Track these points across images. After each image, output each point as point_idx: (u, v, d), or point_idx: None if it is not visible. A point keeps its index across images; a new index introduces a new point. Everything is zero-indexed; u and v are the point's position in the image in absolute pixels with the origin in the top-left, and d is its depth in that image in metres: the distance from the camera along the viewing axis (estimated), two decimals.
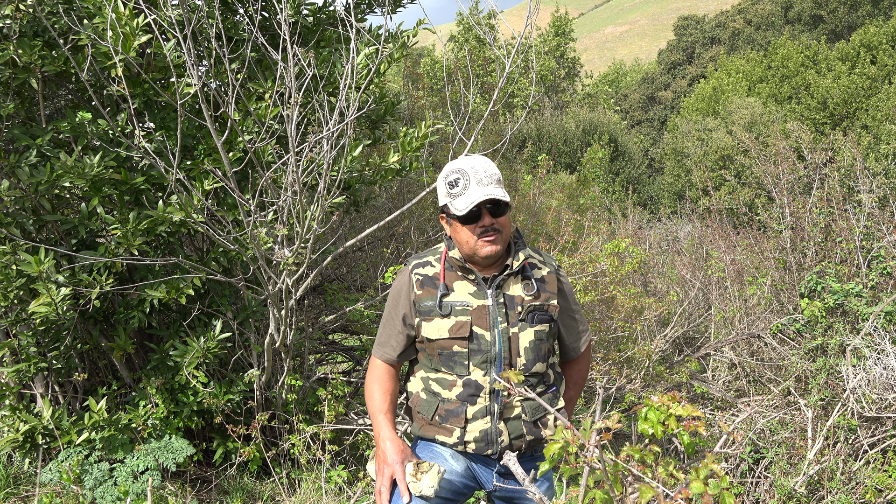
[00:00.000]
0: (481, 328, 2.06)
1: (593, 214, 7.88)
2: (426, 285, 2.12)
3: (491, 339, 2.06)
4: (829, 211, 5.27)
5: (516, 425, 2.10)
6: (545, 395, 2.16)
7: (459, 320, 2.06)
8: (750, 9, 44.69)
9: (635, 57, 75.73)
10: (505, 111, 13.74)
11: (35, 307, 3.06)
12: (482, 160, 2.07)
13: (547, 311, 2.13)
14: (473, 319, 2.06)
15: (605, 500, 1.48)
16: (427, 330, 2.09)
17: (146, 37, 3.08)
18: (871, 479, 3.55)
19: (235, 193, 2.98)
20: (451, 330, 2.06)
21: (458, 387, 2.09)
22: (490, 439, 2.08)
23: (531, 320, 2.10)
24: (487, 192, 1.99)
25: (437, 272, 2.13)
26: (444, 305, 2.08)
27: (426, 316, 2.10)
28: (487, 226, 2.02)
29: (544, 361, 2.14)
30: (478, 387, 2.07)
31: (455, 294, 2.09)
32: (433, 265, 2.15)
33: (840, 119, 24.44)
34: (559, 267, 2.24)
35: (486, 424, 2.07)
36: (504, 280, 2.11)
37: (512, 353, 2.08)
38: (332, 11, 4.02)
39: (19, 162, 3.10)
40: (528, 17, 3.20)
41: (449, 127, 4.57)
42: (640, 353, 5.16)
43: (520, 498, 2.17)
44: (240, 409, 3.77)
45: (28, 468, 3.50)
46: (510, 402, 2.09)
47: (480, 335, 2.06)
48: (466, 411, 2.08)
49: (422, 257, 2.21)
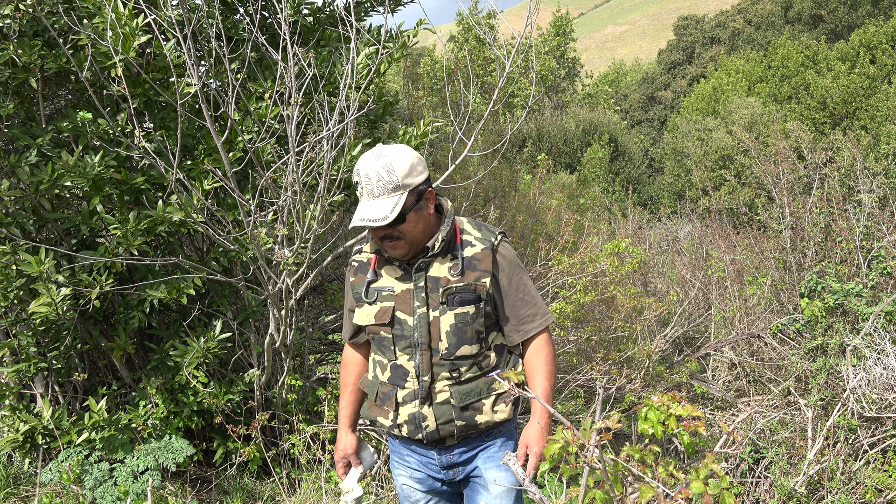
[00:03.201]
0: (404, 313, 2.04)
1: (593, 214, 7.89)
2: (359, 272, 2.13)
3: (413, 324, 2.03)
4: (829, 211, 5.27)
5: (444, 410, 2.05)
6: (479, 380, 2.08)
7: (384, 306, 2.06)
8: (750, 9, 44.69)
9: (635, 57, 75.72)
10: (505, 111, 13.75)
11: (35, 307, 3.06)
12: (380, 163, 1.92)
13: (474, 290, 2.03)
14: (396, 304, 2.05)
15: (605, 500, 1.48)
16: (357, 317, 2.12)
17: (146, 37, 3.08)
18: (871, 479, 3.55)
19: (235, 193, 2.98)
20: (375, 316, 2.07)
21: (388, 371, 2.10)
22: (417, 422, 2.06)
23: (451, 303, 2.03)
24: (368, 212, 1.90)
25: (369, 258, 2.13)
26: (371, 292, 2.08)
27: (358, 302, 2.11)
28: (383, 237, 1.97)
29: (473, 344, 2.06)
30: (404, 371, 2.06)
31: (383, 280, 2.08)
32: (367, 251, 2.15)
33: (840, 119, 24.44)
34: (501, 241, 2.10)
35: (414, 408, 2.07)
36: (428, 263, 2.03)
37: (433, 337, 2.04)
38: (332, 12, 4.02)
39: (19, 162, 3.09)
40: (528, 17, 3.20)
41: (449, 127, 4.57)
42: (640, 353, 5.16)
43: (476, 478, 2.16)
44: (240, 409, 3.77)
45: (28, 468, 3.50)
46: (435, 388, 2.06)
47: (403, 320, 2.04)
48: (397, 394, 2.08)
49: (362, 243, 2.24)
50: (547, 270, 5.06)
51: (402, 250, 1.99)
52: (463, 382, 2.06)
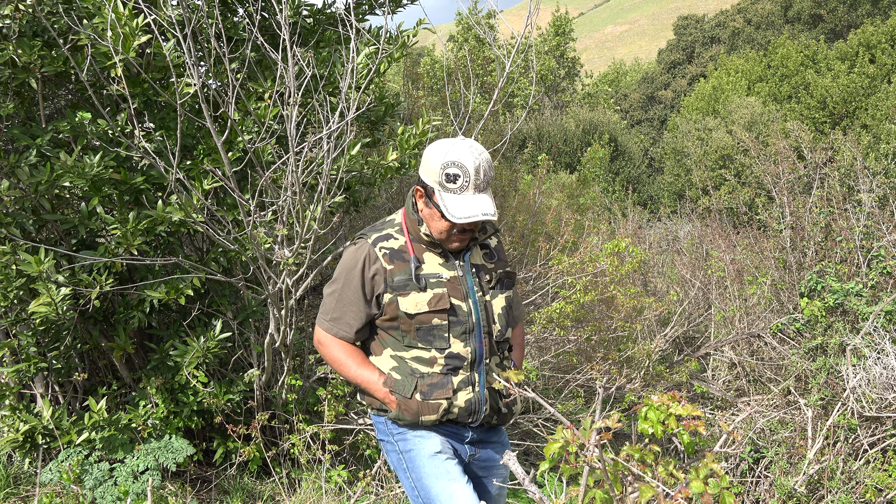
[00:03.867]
0: (458, 299, 2.05)
1: (593, 214, 7.88)
2: (396, 259, 2.06)
3: (467, 309, 2.05)
4: (829, 210, 5.27)
5: (496, 394, 2.14)
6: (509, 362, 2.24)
7: (437, 292, 2.02)
8: (750, 8, 44.68)
9: (635, 56, 75.72)
10: (505, 111, 13.74)
11: (35, 307, 3.06)
12: (484, 157, 1.99)
13: (512, 277, 2.18)
14: (449, 291, 2.04)
15: (605, 499, 1.48)
16: (405, 304, 2.03)
17: (146, 37, 3.08)
18: (871, 478, 3.55)
19: (235, 193, 2.98)
20: (430, 303, 2.02)
21: (439, 361, 2.06)
22: (473, 409, 2.08)
23: (501, 286, 2.13)
24: (484, 207, 1.94)
25: (403, 244, 2.08)
26: (420, 278, 2.03)
27: (401, 291, 2.03)
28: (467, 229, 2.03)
29: (513, 326, 2.21)
30: (461, 358, 2.05)
31: (427, 266, 2.06)
32: (395, 237, 2.09)
33: (840, 118, 24.44)
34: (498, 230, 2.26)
35: (470, 394, 2.07)
36: (470, 249, 2.12)
37: (489, 321, 2.09)
38: (332, 13, 4.02)
39: (19, 162, 3.09)
40: (528, 17, 3.20)
41: (449, 126, 4.57)
42: (640, 353, 5.16)
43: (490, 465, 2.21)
44: (240, 409, 3.77)
45: (28, 468, 3.50)
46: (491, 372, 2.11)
47: (458, 306, 2.05)
48: (452, 382, 2.06)
49: (380, 230, 2.13)
50: (547, 270, 5.06)
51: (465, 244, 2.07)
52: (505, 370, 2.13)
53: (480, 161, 1.96)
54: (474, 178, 1.94)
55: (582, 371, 4.94)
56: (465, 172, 1.94)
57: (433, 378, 2.06)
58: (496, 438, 2.24)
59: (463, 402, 2.06)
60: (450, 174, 1.95)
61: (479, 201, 1.95)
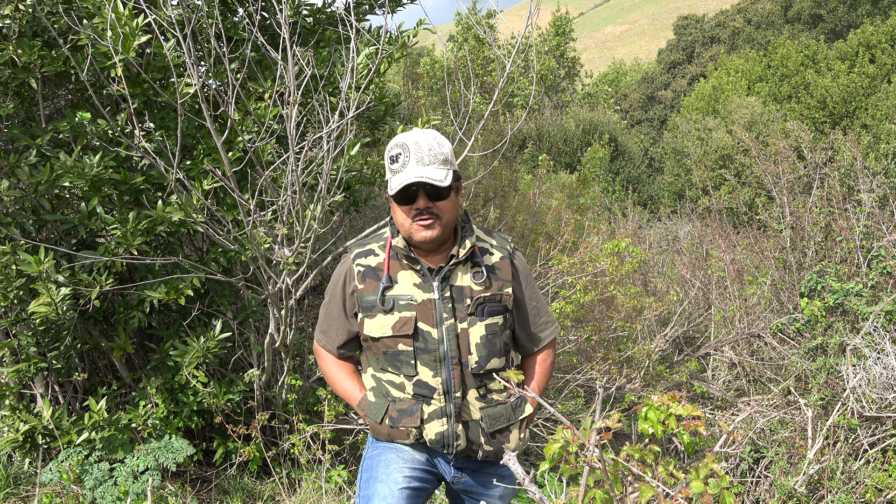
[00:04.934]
0: (427, 325, 1.88)
1: (593, 214, 7.89)
2: (368, 277, 1.94)
3: (438, 337, 1.88)
4: (829, 210, 5.27)
5: (475, 430, 1.96)
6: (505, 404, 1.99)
7: (403, 316, 1.88)
8: (750, 8, 44.68)
9: (635, 56, 75.70)
10: (505, 111, 13.74)
11: (35, 307, 3.06)
12: (431, 136, 1.87)
13: (500, 301, 1.94)
14: (419, 315, 1.88)
15: (605, 499, 1.48)
16: (369, 328, 1.93)
17: (146, 37, 3.08)
18: (871, 478, 3.55)
19: (235, 193, 2.98)
20: (394, 327, 1.89)
21: (409, 387, 1.93)
22: (447, 442, 1.94)
23: (481, 313, 1.91)
24: (423, 173, 1.80)
25: (381, 262, 1.94)
26: (387, 300, 1.90)
27: (368, 312, 1.92)
28: (422, 208, 1.84)
29: (501, 356, 1.96)
30: (430, 388, 1.91)
31: (399, 287, 1.91)
32: (376, 254, 1.97)
33: (839, 118, 24.44)
34: (514, 250, 2.04)
35: (443, 427, 1.93)
36: (451, 270, 1.91)
37: (462, 350, 1.90)
38: (332, 13, 4.02)
39: (19, 162, 3.09)
40: (528, 17, 3.20)
41: (449, 126, 4.57)
42: (640, 353, 5.16)
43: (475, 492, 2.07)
44: (240, 409, 3.77)
45: (28, 468, 3.50)
46: (467, 405, 1.94)
47: (426, 332, 1.88)
48: (422, 410, 1.93)
49: (364, 245, 2.01)
50: (547, 270, 5.06)
51: (434, 231, 1.86)
52: (493, 404, 1.97)
53: (425, 137, 1.86)
54: (415, 151, 1.82)
55: (582, 371, 4.94)
56: (406, 149, 1.84)
57: (403, 404, 1.95)
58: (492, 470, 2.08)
59: (433, 433, 1.93)
60: (393, 156, 1.86)
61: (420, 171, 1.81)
